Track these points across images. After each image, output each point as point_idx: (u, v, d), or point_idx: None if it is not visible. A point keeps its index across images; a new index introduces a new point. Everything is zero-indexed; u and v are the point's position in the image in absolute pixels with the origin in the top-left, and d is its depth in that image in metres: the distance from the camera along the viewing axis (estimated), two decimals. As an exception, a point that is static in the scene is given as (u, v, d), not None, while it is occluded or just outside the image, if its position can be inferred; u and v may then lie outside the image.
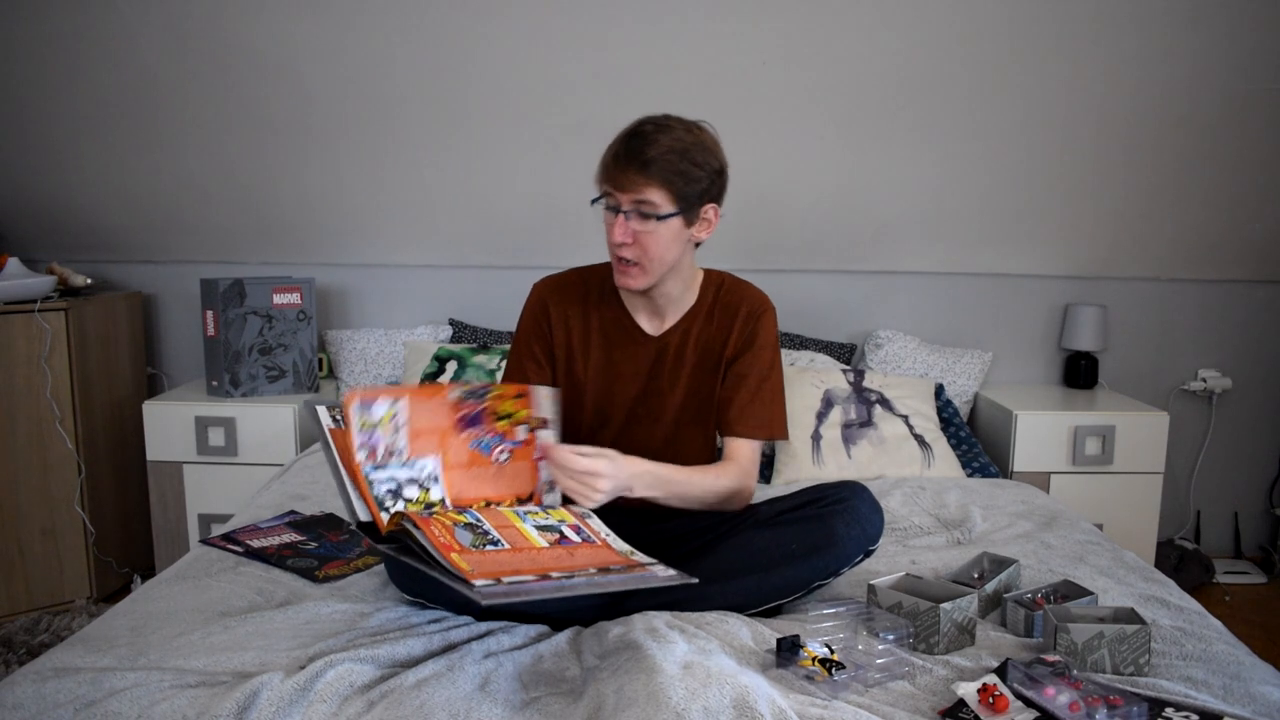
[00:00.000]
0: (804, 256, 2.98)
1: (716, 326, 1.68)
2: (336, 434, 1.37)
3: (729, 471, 1.61)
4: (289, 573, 1.68)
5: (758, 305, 1.68)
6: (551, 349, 1.69)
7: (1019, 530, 1.98)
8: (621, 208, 1.52)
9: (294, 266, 3.02)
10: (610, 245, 1.56)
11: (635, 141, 1.49)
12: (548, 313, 1.69)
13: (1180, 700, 1.21)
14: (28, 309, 2.51)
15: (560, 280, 1.73)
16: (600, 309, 1.69)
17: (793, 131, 2.60)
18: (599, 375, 1.68)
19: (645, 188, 1.49)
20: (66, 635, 2.32)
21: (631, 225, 1.52)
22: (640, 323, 1.68)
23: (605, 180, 1.53)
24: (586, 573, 1.25)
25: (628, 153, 1.49)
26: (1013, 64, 2.42)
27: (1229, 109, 2.52)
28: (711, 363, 1.67)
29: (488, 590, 1.14)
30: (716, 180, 1.56)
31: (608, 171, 1.52)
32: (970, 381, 2.92)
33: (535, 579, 1.21)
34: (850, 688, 1.25)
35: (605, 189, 1.53)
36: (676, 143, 1.49)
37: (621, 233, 1.52)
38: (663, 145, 1.48)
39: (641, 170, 1.48)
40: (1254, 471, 3.16)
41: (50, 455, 2.59)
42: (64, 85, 2.50)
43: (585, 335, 1.69)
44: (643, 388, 1.68)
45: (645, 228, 1.52)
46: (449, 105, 2.54)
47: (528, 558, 1.26)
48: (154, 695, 1.19)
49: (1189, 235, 2.89)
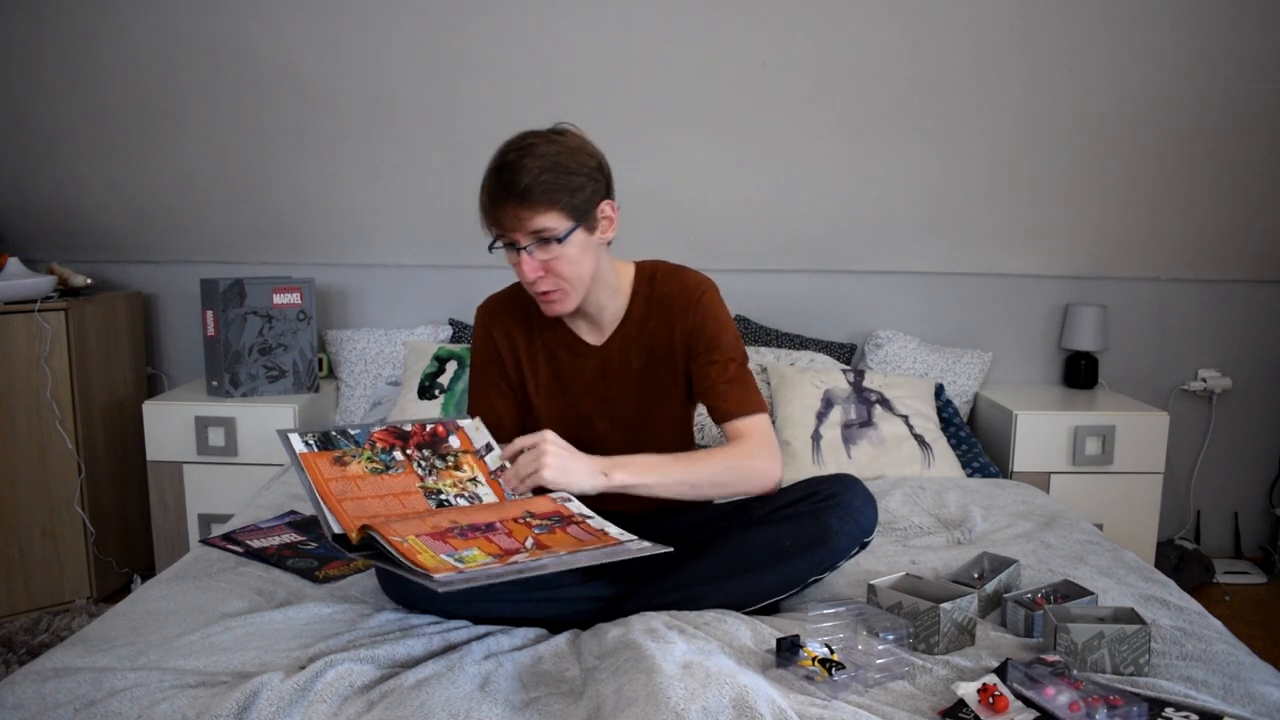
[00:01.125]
0: (804, 256, 2.98)
1: (658, 321, 1.63)
2: (307, 458, 1.40)
3: (728, 449, 1.56)
4: (289, 573, 1.68)
5: (695, 289, 1.62)
6: (506, 371, 1.67)
7: (1019, 530, 1.98)
8: (520, 244, 1.47)
9: (294, 266, 3.02)
10: (524, 283, 1.53)
11: (505, 175, 1.44)
12: (493, 337, 1.67)
13: (1180, 700, 1.21)
14: (28, 309, 2.51)
15: (500, 302, 1.70)
16: (542, 328, 1.67)
17: (792, 131, 2.60)
18: (550, 394, 1.66)
19: (533, 217, 1.44)
20: (66, 635, 2.32)
21: (537, 257, 1.48)
22: (582, 335, 1.66)
23: (492, 224, 1.48)
24: (553, 553, 1.26)
25: (502, 189, 1.44)
26: (1014, 64, 2.42)
27: (1229, 109, 2.52)
28: (662, 359, 1.64)
29: (446, 580, 1.16)
30: (598, 177, 1.50)
31: (491, 215, 1.47)
32: (970, 381, 2.92)
33: (495, 560, 1.22)
34: (850, 688, 1.25)
35: (495, 232, 1.48)
36: (544, 160, 1.44)
37: (532, 269, 1.48)
38: (532, 169, 1.43)
39: (522, 202, 1.43)
40: (1254, 471, 3.16)
41: (50, 455, 2.59)
42: (64, 86, 2.50)
43: (531, 355, 1.67)
44: (595, 400, 1.66)
45: (551, 254, 1.48)
46: (449, 105, 2.54)
47: (495, 541, 1.28)
48: (154, 695, 1.19)
49: (1189, 235, 2.89)
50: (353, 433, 1.48)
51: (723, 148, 2.65)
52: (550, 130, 1.50)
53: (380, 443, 1.49)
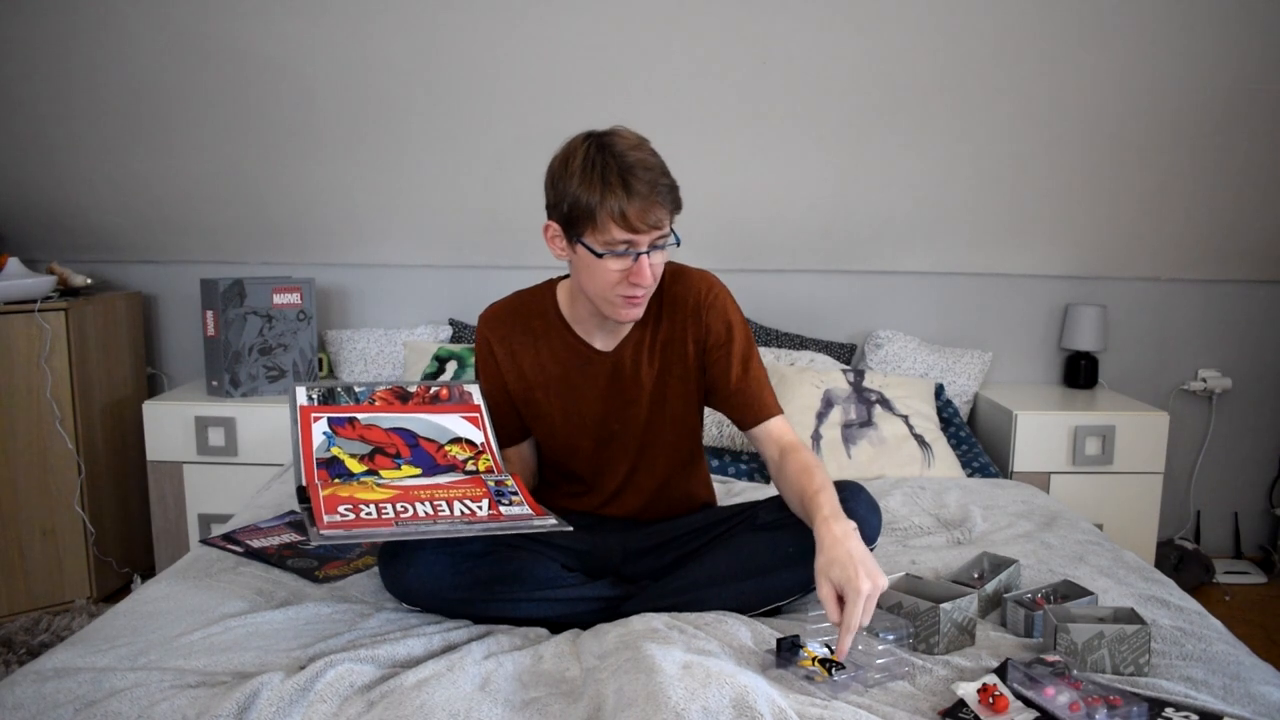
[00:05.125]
0: (804, 256, 2.98)
1: (671, 324, 1.60)
2: (305, 410, 1.47)
3: (812, 463, 1.50)
4: (289, 573, 1.68)
5: (707, 291, 1.59)
6: (506, 387, 1.64)
7: (1019, 530, 1.98)
8: (642, 249, 1.41)
9: (294, 266, 3.02)
10: (620, 284, 1.44)
11: (638, 174, 1.37)
12: (494, 352, 1.63)
13: (1180, 700, 1.21)
14: (28, 309, 2.51)
15: (501, 312, 1.65)
16: (548, 336, 1.62)
17: (792, 131, 2.60)
18: (561, 403, 1.62)
19: (668, 218, 1.42)
20: (66, 635, 2.32)
21: (652, 260, 1.43)
22: (591, 342, 1.61)
23: (623, 228, 1.38)
24: (449, 520, 1.33)
25: (644, 189, 1.37)
26: (1014, 63, 2.42)
27: (1229, 109, 2.52)
28: (675, 363, 1.61)
29: (330, 535, 1.25)
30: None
31: (627, 219, 1.38)
32: (970, 381, 2.92)
33: (378, 519, 1.31)
34: (850, 688, 1.25)
35: (623, 238, 1.40)
36: (660, 163, 1.41)
37: (649, 273, 1.43)
38: (658, 168, 1.40)
39: (662, 200, 1.39)
40: (1254, 471, 3.16)
41: (50, 455, 2.59)
42: (64, 85, 2.50)
43: (538, 365, 1.62)
44: (606, 407, 1.62)
45: (661, 257, 1.46)
46: (449, 104, 2.54)
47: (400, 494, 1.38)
48: (154, 695, 1.19)
49: (1189, 235, 2.89)
50: (357, 390, 1.52)
51: (723, 147, 2.65)
52: (631, 133, 1.45)
53: (380, 402, 1.55)
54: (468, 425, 1.57)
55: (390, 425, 1.52)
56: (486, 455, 1.54)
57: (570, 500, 1.69)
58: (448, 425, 1.56)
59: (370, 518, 1.30)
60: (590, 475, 1.67)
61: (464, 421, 1.57)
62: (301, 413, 1.48)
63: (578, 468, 1.67)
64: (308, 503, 1.36)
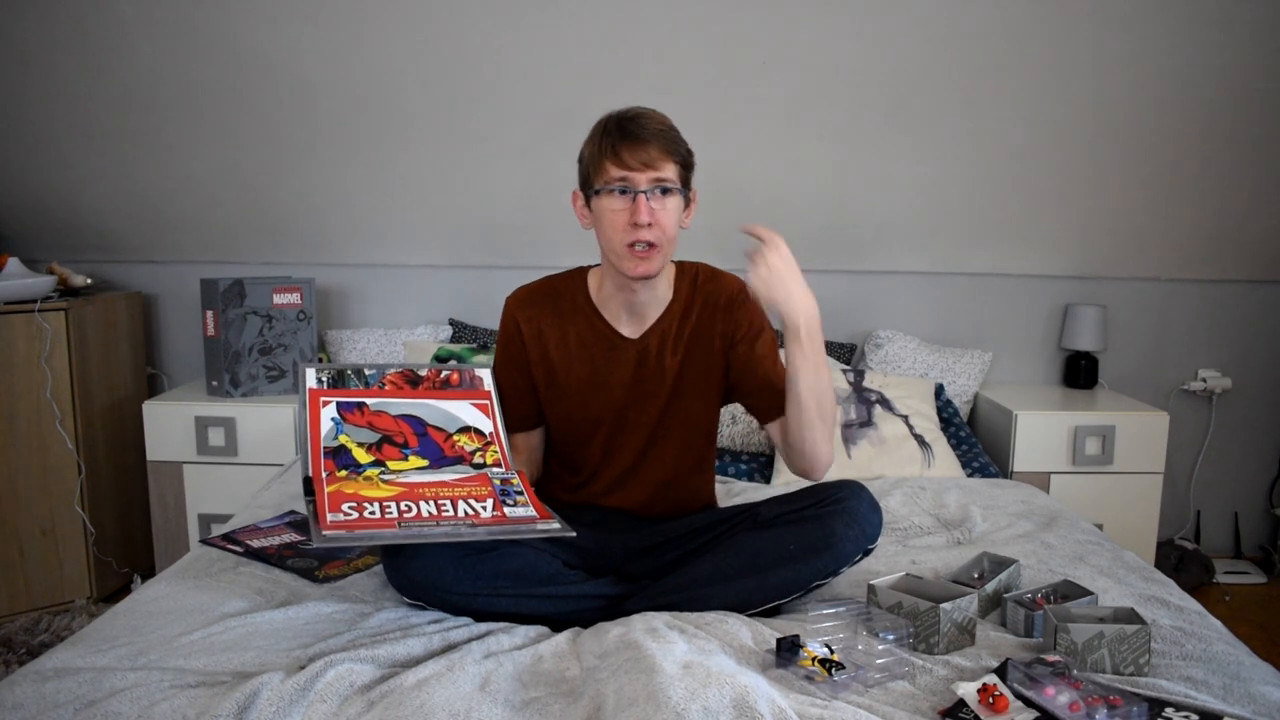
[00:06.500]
0: (804, 256, 2.92)
1: (699, 319, 1.65)
2: (314, 394, 1.47)
3: None
4: (289, 573, 1.68)
5: (738, 291, 1.66)
6: (529, 369, 1.67)
7: (1019, 530, 1.98)
8: (639, 188, 1.50)
9: (294, 266, 3.02)
10: (626, 230, 1.52)
11: (634, 123, 1.50)
12: (520, 331, 1.67)
13: (1180, 700, 1.21)
14: (28, 309, 2.51)
15: (531, 293, 1.70)
16: (575, 319, 1.66)
17: (792, 131, 2.60)
18: (583, 386, 1.66)
19: (660, 161, 1.50)
20: (66, 635, 2.32)
21: (651, 204, 1.51)
22: (618, 327, 1.66)
23: (616, 164, 1.50)
24: (452, 521, 1.32)
25: (635, 132, 1.49)
26: (1014, 63, 2.42)
27: (1229, 109, 2.52)
28: (700, 355, 1.65)
29: (332, 536, 1.24)
30: (691, 158, 1.58)
31: (618, 156, 1.49)
32: (970, 381, 2.92)
33: (381, 519, 1.30)
34: (850, 688, 1.25)
35: (618, 175, 1.50)
36: (663, 119, 1.53)
37: (647, 211, 1.50)
38: (658, 119, 1.52)
39: (651, 145, 1.49)
40: (1254, 471, 3.16)
41: (50, 455, 2.59)
42: (65, 85, 2.50)
43: (564, 347, 1.66)
44: (628, 393, 1.65)
45: (663, 205, 1.52)
46: (449, 105, 2.54)
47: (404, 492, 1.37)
48: (154, 695, 1.19)
49: (1189, 235, 2.89)
50: (368, 373, 1.51)
51: (722, 147, 2.65)
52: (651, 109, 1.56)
53: (391, 386, 1.55)
54: (477, 413, 1.57)
55: (399, 412, 1.52)
56: (494, 447, 1.54)
57: (572, 493, 1.70)
58: (457, 413, 1.56)
59: (374, 517, 1.30)
60: (598, 461, 1.68)
61: (474, 409, 1.57)
62: (311, 396, 1.48)
63: (588, 453, 1.68)
64: (312, 495, 1.36)
